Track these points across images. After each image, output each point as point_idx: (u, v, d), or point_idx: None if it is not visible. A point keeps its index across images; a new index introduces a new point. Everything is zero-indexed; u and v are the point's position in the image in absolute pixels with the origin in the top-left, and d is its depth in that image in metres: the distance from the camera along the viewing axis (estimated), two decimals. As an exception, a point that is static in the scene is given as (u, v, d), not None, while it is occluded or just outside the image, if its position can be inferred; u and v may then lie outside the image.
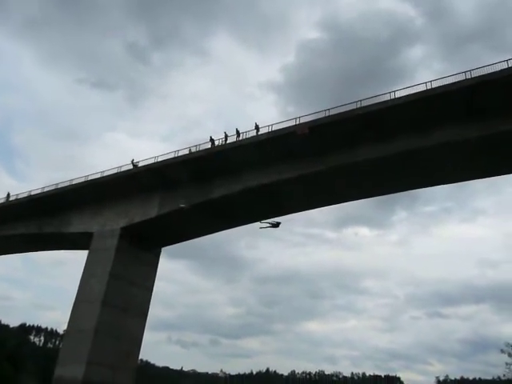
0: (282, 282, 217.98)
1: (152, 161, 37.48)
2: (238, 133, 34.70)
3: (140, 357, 44.06)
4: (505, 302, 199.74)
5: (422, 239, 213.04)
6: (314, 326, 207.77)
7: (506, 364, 25.93)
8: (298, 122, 31.48)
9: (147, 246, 40.49)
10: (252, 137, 33.37)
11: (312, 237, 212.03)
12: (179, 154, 36.20)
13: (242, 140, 33.69)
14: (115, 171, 39.18)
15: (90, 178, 40.57)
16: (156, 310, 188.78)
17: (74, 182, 41.29)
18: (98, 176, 40.02)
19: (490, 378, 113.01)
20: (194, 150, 35.96)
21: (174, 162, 35.72)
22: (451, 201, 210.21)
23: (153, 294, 41.79)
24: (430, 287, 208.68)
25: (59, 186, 42.09)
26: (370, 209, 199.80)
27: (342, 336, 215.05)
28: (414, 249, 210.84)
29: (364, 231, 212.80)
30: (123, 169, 38.99)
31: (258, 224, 26.39)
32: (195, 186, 35.87)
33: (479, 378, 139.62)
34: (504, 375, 26.79)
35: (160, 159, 36.94)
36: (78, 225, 41.67)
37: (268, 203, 35.77)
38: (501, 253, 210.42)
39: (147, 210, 37.61)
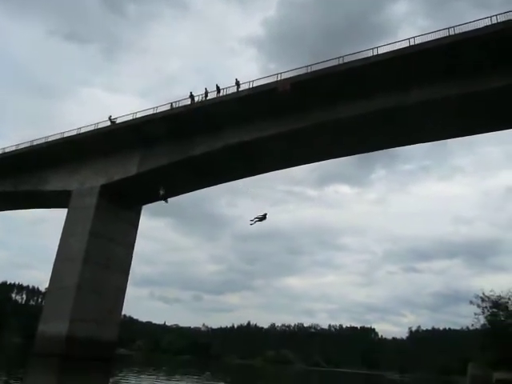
0: (262, 239, 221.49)
1: (130, 117, 36.60)
2: (218, 89, 33.97)
3: (123, 312, 44.88)
4: (476, 257, 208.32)
5: (400, 197, 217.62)
6: (293, 282, 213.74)
7: (475, 314, 27.30)
8: (279, 78, 30.93)
9: (127, 204, 40.27)
10: (233, 93, 32.75)
11: (293, 194, 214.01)
12: (158, 111, 35.41)
13: (223, 96, 33.05)
14: (92, 128, 38.24)
15: (66, 135, 39.54)
16: (138, 268, 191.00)
17: (49, 140, 40.21)
18: (75, 133, 39.04)
19: (459, 328, 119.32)
20: (174, 106, 35.21)
21: (153, 119, 34.97)
22: (430, 159, 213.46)
23: (134, 251, 42.10)
24: (406, 243, 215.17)
25: (34, 144, 40.99)
26: (350, 167, 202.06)
27: (320, 290, 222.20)
28: (392, 207, 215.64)
29: (344, 189, 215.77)
30: (101, 126, 38.05)
31: (237, 182, 26.14)
32: (175, 143, 35.39)
33: (449, 328, 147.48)
34: (472, 325, 28.22)
35: (139, 116, 36.11)
36: (55, 183, 40.99)
37: (249, 161, 35.69)
38: (476, 210, 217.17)
39: (127, 168, 37.12)
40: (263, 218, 20.15)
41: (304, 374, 60.82)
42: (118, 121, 37.50)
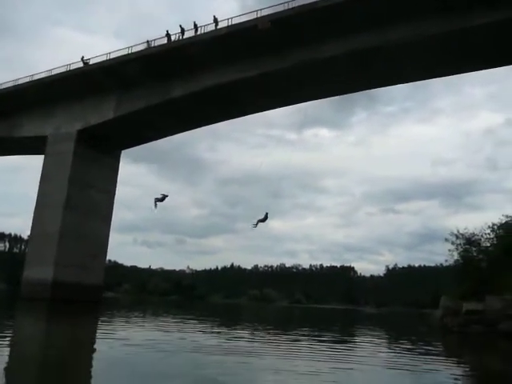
0: (244, 183, 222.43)
1: (104, 58, 35.07)
2: (195, 27, 32.52)
3: (108, 257, 45.48)
4: (453, 197, 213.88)
5: (381, 139, 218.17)
6: (275, 224, 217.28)
7: (449, 251, 28.28)
8: (259, 16, 29.72)
9: (106, 149, 39.52)
10: (211, 31, 31.46)
11: (273, 138, 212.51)
12: (133, 51, 33.95)
13: (201, 34, 31.75)
14: (64, 70, 36.59)
15: (35, 77, 37.82)
16: (121, 213, 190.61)
17: (18, 83, 38.44)
18: (46, 75, 37.34)
19: (433, 265, 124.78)
20: (150, 44, 33.78)
21: (128, 60, 33.59)
22: (411, 101, 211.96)
23: (116, 197, 41.95)
24: (385, 185, 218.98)
25: (3, 87, 39.17)
26: (330, 110, 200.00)
27: (301, 232, 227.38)
28: (372, 149, 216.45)
29: (324, 132, 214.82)
30: (73, 67, 36.42)
31: (216, 125, 25.61)
32: (153, 85, 34.27)
33: (424, 266, 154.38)
34: (446, 261, 29.41)
35: (113, 56, 34.60)
36: (29, 128, 39.72)
37: (229, 103, 34.99)
38: (455, 152, 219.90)
39: (103, 112, 36.07)
40: (265, 218, 20.30)
41: (285, 309, 63.62)
42: (91, 62, 35.92)
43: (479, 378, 9.09)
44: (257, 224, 20.74)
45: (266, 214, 20.56)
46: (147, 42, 33.75)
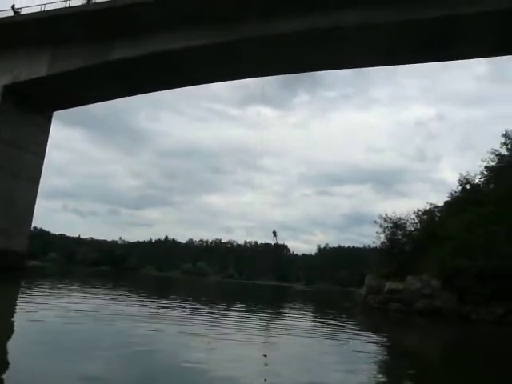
0: (184, 156, 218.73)
1: (38, 9, 32.36)
2: None
3: (34, 224, 43.12)
4: (383, 183, 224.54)
5: (321, 123, 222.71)
6: (213, 199, 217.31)
7: (377, 233, 29.92)
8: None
9: (37, 108, 36.90)
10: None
11: (216, 112, 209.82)
12: (72, 5, 31.59)
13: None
14: (-8, 18, 33.38)
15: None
16: (51, 179, 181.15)
17: None
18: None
19: (361, 246, 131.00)
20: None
21: (66, 14, 31.23)
22: (351, 87, 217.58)
23: (47, 161, 39.58)
24: (321, 168, 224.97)
25: None
26: (274, 89, 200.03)
27: (239, 209, 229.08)
28: (311, 131, 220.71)
29: (266, 111, 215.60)
30: (1, 16, 33.30)
31: (159, 94, 24.98)
32: (92, 44, 32.16)
33: (353, 246, 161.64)
34: (374, 242, 31.09)
35: (48, 8, 32.00)
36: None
37: (172, 71, 33.78)
38: (387, 140, 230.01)
39: (35, 68, 33.44)
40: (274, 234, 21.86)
41: (217, 284, 64.26)
42: (23, 12, 33.02)
43: (386, 345, 9.90)
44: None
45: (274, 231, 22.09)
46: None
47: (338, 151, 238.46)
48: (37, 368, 4.94)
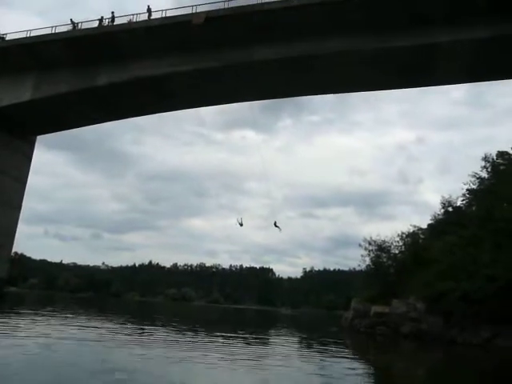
0: (168, 179, 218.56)
1: (24, 35, 32.42)
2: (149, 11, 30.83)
3: (15, 249, 42.16)
4: (366, 206, 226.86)
5: (304, 147, 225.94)
6: (197, 223, 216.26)
7: (362, 256, 30.10)
8: (194, 11, 29.23)
9: (20, 133, 36.53)
10: (143, 21, 30.29)
11: (200, 136, 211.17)
12: (58, 31, 31.76)
13: (132, 23, 30.45)
14: (-23, 43, 33.30)
15: None
16: (31, 203, 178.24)
17: None
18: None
19: (347, 269, 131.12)
20: (77, 27, 31.78)
21: (51, 40, 31.32)
22: (333, 112, 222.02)
23: (28, 185, 38.95)
24: (305, 191, 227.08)
25: None
26: (258, 113, 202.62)
27: (223, 232, 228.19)
28: (295, 155, 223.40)
29: (251, 135, 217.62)
30: (-13, 41, 33.25)
31: (143, 118, 25.52)
32: (77, 70, 32.19)
33: (338, 269, 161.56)
34: (359, 265, 31.18)
35: (34, 34, 32.09)
36: None
37: (157, 96, 33.91)
38: (369, 163, 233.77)
39: (19, 93, 33.20)
40: (276, 225, 23.48)
41: (202, 309, 63.25)
42: (8, 37, 33.05)
43: (373, 370, 9.85)
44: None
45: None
46: (71, 21, 31.59)
47: (322, 174, 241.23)
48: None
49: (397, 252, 30.18)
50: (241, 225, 23.24)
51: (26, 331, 12.00)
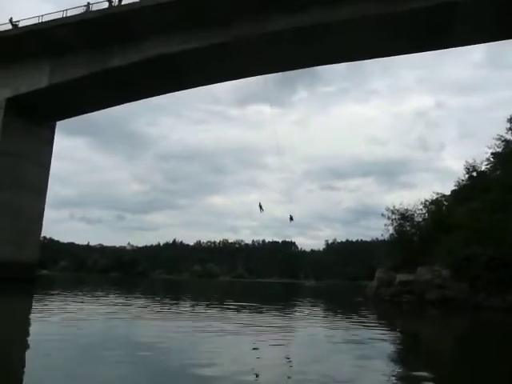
0: (186, 158, 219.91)
1: (36, 21, 32.52)
2: None
3: (43, 234, 43.41)
4: (386, 175, 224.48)
5: (320, 118, 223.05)
6: (217, 200, 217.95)
7: (385, 225, 29.85)
8: (204, -15, 28.69)
9: (39, 119, 37.14)
10: (153, -3, 29.98)
11: (215, 114, 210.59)
12: (68, 15, 31.73)
13: (142, 1, 30.17)
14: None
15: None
16: (56, 189, 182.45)
17: None
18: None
19: (369, 239, 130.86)
20: (90, 8, 31.69)
21: (63, 24, 31.34)
22: (348, 81, 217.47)
23: (52, 172, 39.80)
24: (324, 163, 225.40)
25: None
26: (273, 87, 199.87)
27: (243, 208, 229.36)
28: (312, 128, 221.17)
29: (266, 109, 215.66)
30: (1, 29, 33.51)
31: (158, 99, 25.62)
32: (91, 53, 32.35)
33: (361, 240, 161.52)
34: (382, 235, 30.98)
35: (45, 20, 32.14)
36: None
37: (170, 75, 33.83)
38: (388, 131, 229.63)
39: (36, 79, 33.63)
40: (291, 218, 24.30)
41: (228, 284, 64.40)
42: (21, 25, 33.19)
43: (401, 337, 9.92)
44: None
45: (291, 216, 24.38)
46: (88, 4, 31.51)
47: (340, 145, 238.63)
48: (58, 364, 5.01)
49: (420, 220, 29.88)
50: (261, 209, 24.21)
51: (72, 310, 12.54)
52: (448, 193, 30.99)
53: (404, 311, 19.37)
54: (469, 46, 31.48)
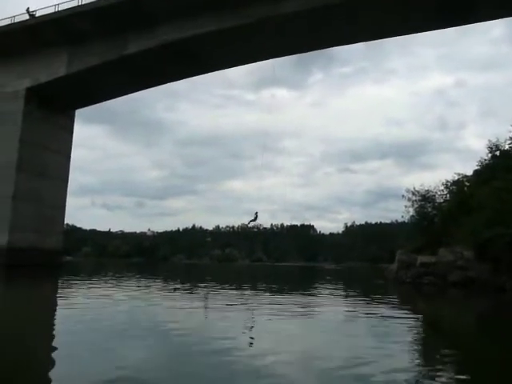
0: (203, 143, 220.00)
1: (52, 10, 32.74)
2: None
3: (66, 221, 44.32)
4: (405, 156, 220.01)
5: (337, 100, 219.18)
6: (236, 185, 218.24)
7: (405, 207, 29.48)
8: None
9: (59, 108, 37.65)
10: (167, -18, 29.81)
11: (231, 98, 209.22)
12: (84, 3, 31.84)
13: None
14: (8, 22, 33.96)
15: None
16: (77, 176, 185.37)
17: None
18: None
19: (389, 221, 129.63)
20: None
21: (79, 12, 31.50)
22: (365, 61, 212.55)
23: (72, 159, 40.49)
24: (342, 145, 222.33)
25: None
26: (288, 70, 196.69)
27: (262, 192, 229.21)
28: (329, 109, 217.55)
29: (282, 93, 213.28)
30: (17, 20, 33.85)
31: (174, 86, 25.37)
32: (107, 41, 32.49)
33: (380, 222, 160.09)
34: (402, 217, 30.65)
35: (62, 8, 32.33)
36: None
37: (188, 60, 33.77)
38: (406, 112, 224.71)
39: (54, 69, 34.02)
40: (255, 218, 21.43)
41: (247, 268, 64.99)
42: (38, 14, 33.48)
43: (422, 319, 9.88)
44: (249, 223, 22.73)
45: (256, 213, 21.80)
46: None
47: (358, 127, 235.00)
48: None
49: (441, 201, 29.44)
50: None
51: (98, 294, 12.91)
52: (470, 173, 30.41)
53: (425, 293, 19.28)
54: (488, 23, 30.50)
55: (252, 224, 22.30)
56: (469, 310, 13.51)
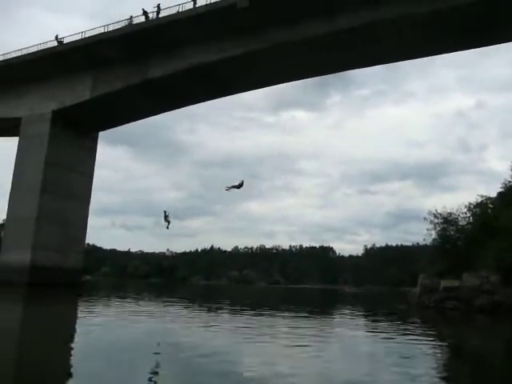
0: (222, 165, 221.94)
1: (78, 37, 33.99)
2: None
3: (87, 241, 44.90)
4: (426, 178, 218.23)
5: (356, 121, 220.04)
6: (254, 206, 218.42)
7: (427, 230, 28.89)
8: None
9: (83, 130, 38.65)
10: (188, 10, 30.70)
11: (250, 121, 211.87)
12: (109, 30, 32.98)
13: (179, 13, 30.95)
14: (37, 49, 35.32)
15: (7, 57, 36.46)
16: (98, 197, 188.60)
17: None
18: (17, 55, 35.99)
19: (410, 244, 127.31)
20: (132, 21, 32.97)
21: (104, 39, 32.59)
22: (384, 83, 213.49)
23: (94, 180, 41.26)
24: (361, 166, 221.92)
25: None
26: (306, 92, 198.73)
27: (280, 214, 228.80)
28: (348, 131, 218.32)
29: (300, 115, 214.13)
30: (47, 46, 35.19)
31: (193, 108, 25.33)
32: (131, 65, 33.46)
33: (401, 245, 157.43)
34: (424, 240, 30.03)
35: (88, 35, 33.54)
36: (2, 110, 38.40)
37: (209, 83, 34.44)
38: (427, 133, 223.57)
39: (79, 92, 35.11)
40: (240, 185, 19.43)
41: (264, 290, 64.36)
42: (65, 41, 34.80)
43: (448, 347, 9.52)
44: (230, 188, 19.81)
45: (242, 181, 19.75)
46: (130, 17, 32.77)
47: (377, 148, 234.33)
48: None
49: (465, 224, 28.83)
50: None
51: (121, 312, 12.95)
52: (493, 195, 29.81)
53: (449, 318, 18.75)
54: (508, 44, 30.26)
55: (232, 190, 19.43)
56: (496, 338, 13.06)
